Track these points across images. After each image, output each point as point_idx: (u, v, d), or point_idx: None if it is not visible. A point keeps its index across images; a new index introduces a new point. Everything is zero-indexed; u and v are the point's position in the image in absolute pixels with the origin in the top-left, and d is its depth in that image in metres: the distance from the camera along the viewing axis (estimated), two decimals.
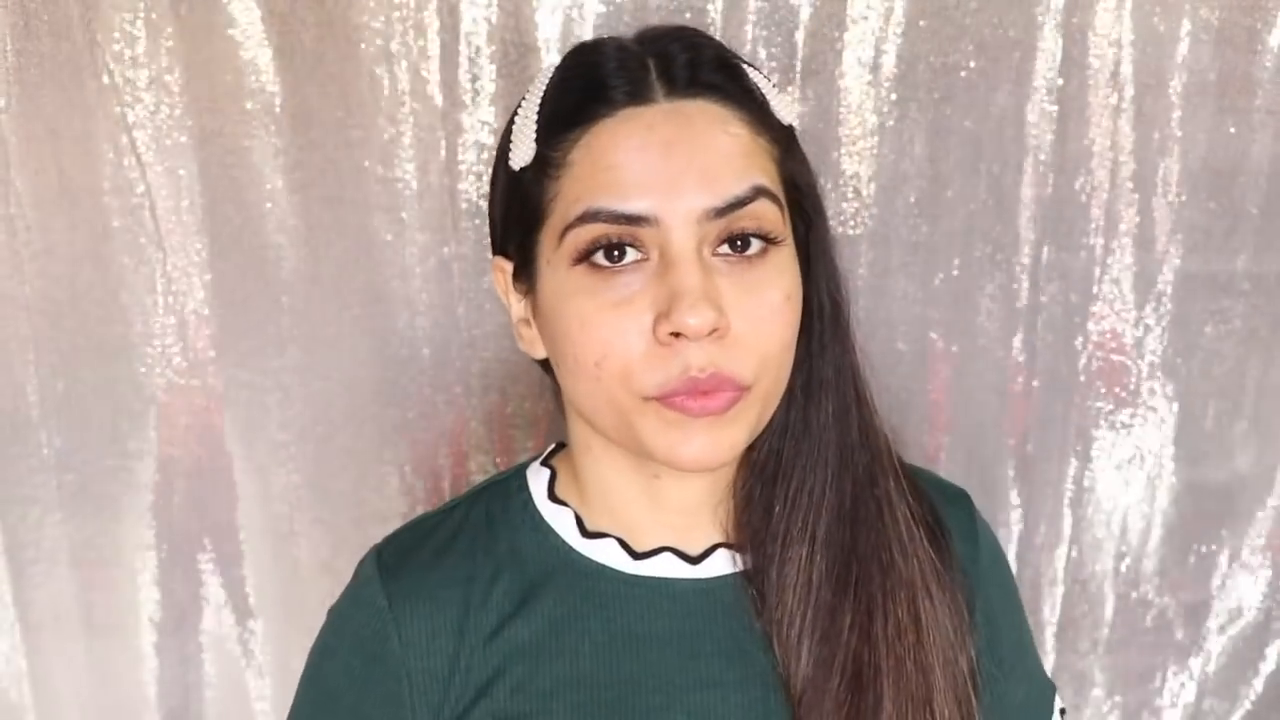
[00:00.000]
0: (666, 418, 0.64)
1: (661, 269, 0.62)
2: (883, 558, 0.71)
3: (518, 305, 0.72)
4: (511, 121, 0.69)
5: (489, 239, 1.06)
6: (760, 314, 0.64)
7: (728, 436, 0.64)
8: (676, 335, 0.61)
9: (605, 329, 0.63)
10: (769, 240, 0.65)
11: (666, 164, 0.62)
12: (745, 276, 0.64)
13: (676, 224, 0.62)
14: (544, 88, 0.68)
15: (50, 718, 1.16)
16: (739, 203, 0.63)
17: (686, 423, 0.63)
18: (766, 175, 0.65)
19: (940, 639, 0.71)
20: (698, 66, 0.66)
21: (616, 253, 0.63)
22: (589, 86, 0.65)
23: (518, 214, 0.68)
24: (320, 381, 1.10)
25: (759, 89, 0.68)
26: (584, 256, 0.63)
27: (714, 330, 0.61)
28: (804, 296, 0.69)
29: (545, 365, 0.72)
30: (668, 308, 0.61)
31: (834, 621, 0.69)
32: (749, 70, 0.69)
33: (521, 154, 0.67)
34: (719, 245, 0.64)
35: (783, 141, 0.68)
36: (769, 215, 0.64)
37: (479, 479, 1.12)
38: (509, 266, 0.71)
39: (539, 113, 0.67)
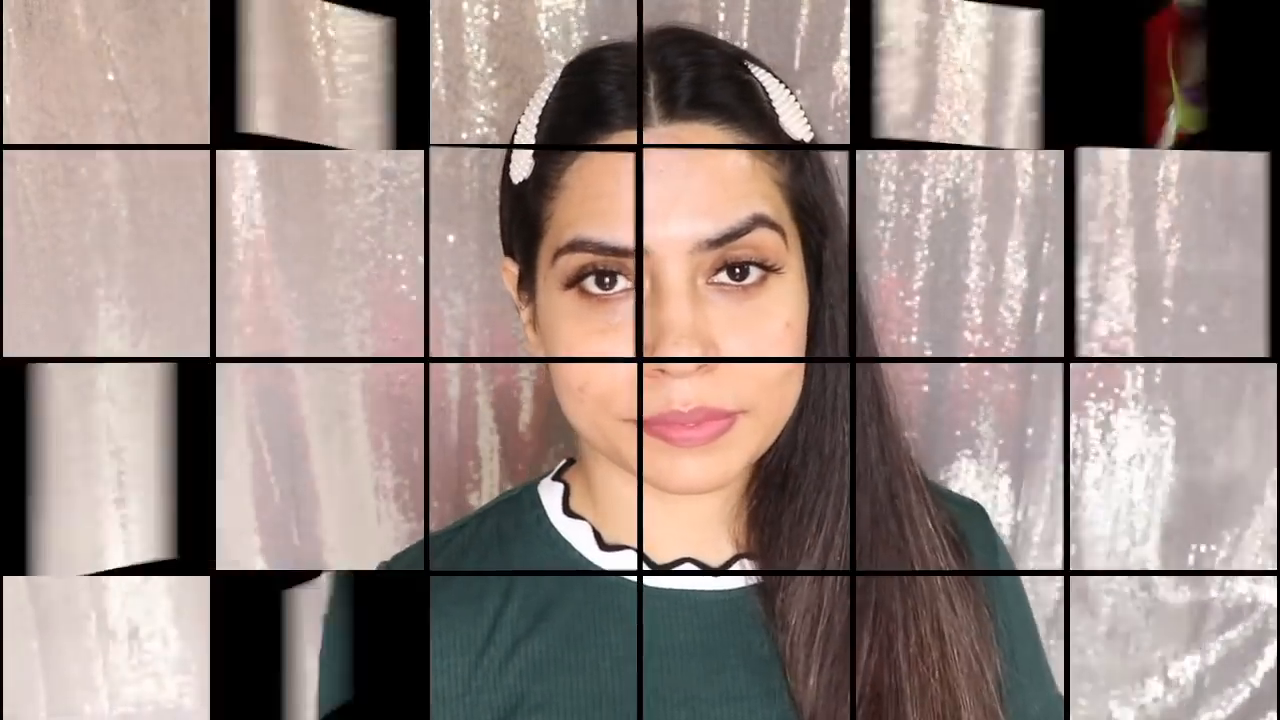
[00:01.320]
0: (649, 443, 0.62)
1: (652, 299, 0.61)
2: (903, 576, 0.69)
3: (524, 310, 0.70)
4: (514, 132, 0.68)
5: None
6: (758, 345, 0.62)
7: (720, 462, 0.63)
8: (661, 370, 0.60)
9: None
10: (768, 269, 0.62)
11: (658, 193, 0.60)
12: (742, 305, 0.62)
13: (668, 255, 0.60)
14: (544, 102, 0.66)
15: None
16: (735, 234, 0.61)
17: (672, 450, 0.62)
18: (768, 201, 0.62)
19: (965, 652, 0.69)
20: (702, 84, 0.63)
21: (608, 279, 0.61)
22: (586, 108, 0.63)
23: (519, 224, 0.67)
24: (323, 372, 1.11)
25: (770, 104, 0.65)
26: (574, 282, 0.62)
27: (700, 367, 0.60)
28: (816, 314, 0.67)
29: None
30: (653, 341, 0.60)
31: (849, 645, 0.67)
32: (763, 79, 0.66)
33: (520, 168, 0.66)
34: (715, 274, 0.62)
35: (792, 159, 0.65)
36: (768, 244, 0.62)
37: (480, 472, 1.13)
38: (515, 270, 0.70)
39: (537, 129, 0.65)
